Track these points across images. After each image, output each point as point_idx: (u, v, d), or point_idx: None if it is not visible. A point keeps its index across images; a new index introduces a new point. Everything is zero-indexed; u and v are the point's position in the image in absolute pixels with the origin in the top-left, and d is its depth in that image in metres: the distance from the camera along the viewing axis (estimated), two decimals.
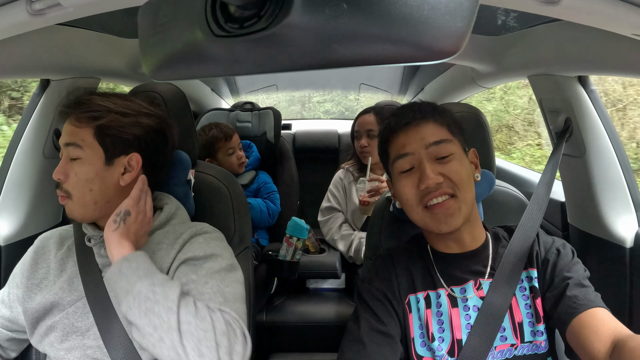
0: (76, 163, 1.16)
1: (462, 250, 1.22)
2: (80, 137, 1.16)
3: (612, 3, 0.82)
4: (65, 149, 1.17)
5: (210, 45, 0.43)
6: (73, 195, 1.16)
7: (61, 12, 0.88)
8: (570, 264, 1.15)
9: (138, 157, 1.23)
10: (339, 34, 0.37)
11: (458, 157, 1.16)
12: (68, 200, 1.17)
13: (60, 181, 1.16)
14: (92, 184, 1.17)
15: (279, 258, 2.16)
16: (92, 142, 1.16)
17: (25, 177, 1.68)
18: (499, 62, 1.85)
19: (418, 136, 1.16)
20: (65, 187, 1.16)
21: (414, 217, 1.20)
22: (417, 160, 1.16)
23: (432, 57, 0.37)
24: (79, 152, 1.16)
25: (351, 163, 2.68)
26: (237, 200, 1.48)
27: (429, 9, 0.36)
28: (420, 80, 3.24)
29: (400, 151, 1.18)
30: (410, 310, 1.20)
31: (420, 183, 1.13)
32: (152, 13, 0.51)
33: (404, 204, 1.20)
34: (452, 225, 1.13)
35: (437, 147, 1.15)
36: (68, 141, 1.16)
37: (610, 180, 1.62)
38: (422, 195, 1.14)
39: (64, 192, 1.17)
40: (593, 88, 1.60)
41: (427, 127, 1.18)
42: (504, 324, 1.14)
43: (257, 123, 2.96)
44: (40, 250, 1.28)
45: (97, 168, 1.17)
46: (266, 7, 0.40)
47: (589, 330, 1.02)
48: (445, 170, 1.13)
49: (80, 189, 1.16)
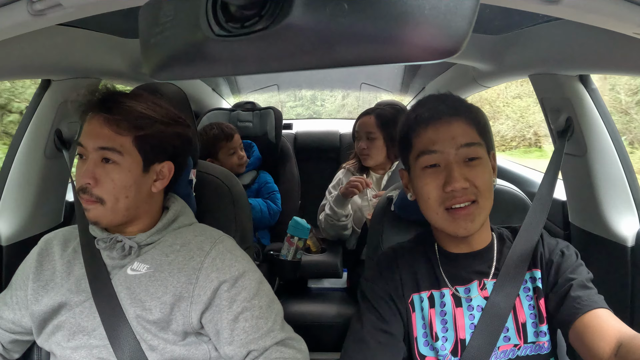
0: (113, 168, 1.14)
1: (469, 250, 1.22)
2: (119, 142, 1.13)
3: (613, 2, 0.82)
4: (97, 152, 1.13)
5: (211, 45, 0.43)
6: (107, 202, 1.14)
7: (62, 13, 0.88)
8: (574, 266, 1.15)
9: (171, 165, 1.24)
10: (340, 34, 0.37)
11: (484, 162, 1.15)
12: (98, 205, 1.14)
13: (89, 186, 1.12)
14: (129, 191, 1.15)
15: (280, 258, 2.17)
16: (131, 149, 1.15)
17: (27, 178, 1.68)
18: (500, 61, 1.85)
19: (449, 134, 1.14)
20: (97, 193, 1.13)
21: (431, 216, 1.18)
22: (445, 160, 1.13)
23: (433, 56, 0.37)
24: (117, 157, 1.13)
25: (352, 163, 2.68)
26: (238, 200, 1.48)
27: (430, 8, 0.36)
28: (421, 80, 3.23)
29: (429, 147, 1.15)
30: (413, 309, 1.20)
31: (447, 185, 1.11)
32: (153, 13, 0.51)
33: (423, 201, 1.18)
34: (470, 230, 1.13)
35: (467, 149, 1.13)
36: (105, 145, 1.13)
37: (611, 179, 1.62)
38: (446, 198, 1.12)
39: (95, 197, 1.13)
40: (594, 87, 1.59)
41: (459, 126, 1.15)
42: (507, 324, 1.14)
43: (258, 123, 2.96)
44: (44, 252, 1.26)
45: (135, 175, 1.16)
46: (267, 6, 0.40)
47: (593, 330, 1.01)
48: (471, 175, 1.12)
49: (115, 195, 1.14)
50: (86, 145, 1.14)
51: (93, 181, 1.12)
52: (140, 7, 0.54)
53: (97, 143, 1.13)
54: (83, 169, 1.14)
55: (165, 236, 1.25)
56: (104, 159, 1.14)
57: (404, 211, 1.50)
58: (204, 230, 1.29)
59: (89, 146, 1.13)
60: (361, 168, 2.60)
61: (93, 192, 1.12)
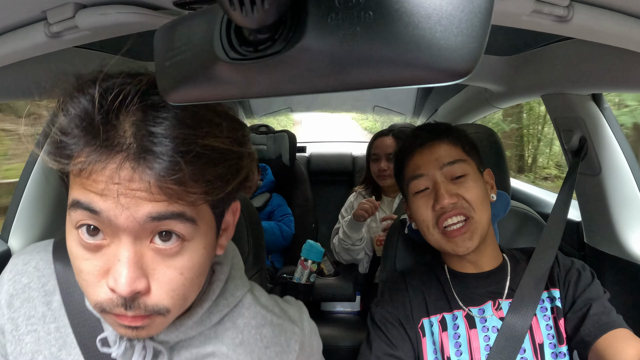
0: (179, 251, 0.65)
1: (478, 271, 1.21)
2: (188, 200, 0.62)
3: (623, 20, 0.82)
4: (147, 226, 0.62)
5: (225, 69, 0.43)
6: (171, 309, 0.66)
7: (78, 35, 0.90)
8: (591, 286, 1.15)
9: (237, 204, 0.80)
10: (353, 57, 0.38)
11: (473, 177, 1.16)
12: (156, 318, 0.66)
13: (139, 295, 0.63)
14: (203, 276, 0.72)
15: (293, 281, 2.16)
16: (204, 208, 0.68)
17: (42, 196, 1.70)
18: (512, 82, 1.85)
19: (432, 157, 1.17)
20: (154, 303, 0.64)
21: (429, 239, 1.20)
22: (431, 181, 1.16)
23: (445, 78, 0.37)
24: (188, 229, 0.65)
25: (363, 187, 2.68)
26: (251, 222, 1.48)
27: (441, 31, 0.36)
28: (434, 102, 3.25)
29: (415, 172, 1.18)
30: (423, 334, 1.19)
31: (435, 203, 1.13)
32: (168, 36, 0.52)
33: (419, 224, 1.20)
34: (469, 247, 1.13)
35: (451, 167, 1.15)
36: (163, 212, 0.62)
37: (626, 198, 1.61)
38: (438, 216, 1.14)
39: (151, 310, 0.64)
40: (607, 105, 1.59)
41: (441, 148, 1.18)
42: (524, 346, 1.13)
43: (272, 146, 2.98)
44: (22, 303, 0.80)
45: (210, 246, 0.71)
46: (280, 30, 0.41)
47: (614, 351, 1.00)
48: (460, 191, 1.13)
49: (185, 293, 0.68)
50: (112, 217, 0.60)
51: (146, 283, 0.63)
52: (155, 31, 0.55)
53: (141, 209, 0.60)
54: (121, 264, 0.61)
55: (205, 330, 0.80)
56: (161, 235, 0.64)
57: (417, 234, 1.49)
58: (273, 304, 0.89)
59: (122, 217, 0.60)
60: (373, 191, 2.61)
61: (149, 304, 0.64)
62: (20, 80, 1.29)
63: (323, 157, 3.70)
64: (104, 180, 0.59)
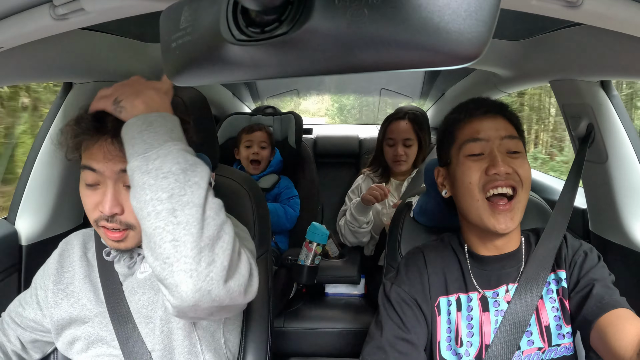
0: None
1: (498, 253, 1.21)
2: None
3: (634, 7, 0.81)
4: (118, 176, 1.05)
5: (232, 50, 0.43)
6: (136, 226, 1.07)
7: (84, 17, 0.90)
8: (596, 267, 1.15)
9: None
10: (360, 39, 0.37)
11: (525, 157, 1.18)
12: (129, 232, 1.09)
13: (117, 214, 1.05)
14: None
15: (298, 263, 2.16)
16: None
17: (48, 179, 1.71)
18: (521, 66, 1.84)
19: (494, 126, 1.17)
20: (125, 220, 1.06)
21: (471, 205, 1.18)
22: (489, 148, 1.16)
23: (453, 62, 0.37)
24: None
25: (371, 169, 2.66)
26: (257, 204, 1.49)
27: (450, 14, 0.36)
28: (441, 85, 3.22)
29: (474, 135, 1.18)
30: (439, 312, 1.19)
31: (491, 168, 1.12)
32: (174, 18, 0.51)
33: (463, 187, 1.18)
34: (509, 227, 1.13)
35: (510, 140, 1.16)
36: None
37: (632, 187, 1.60)
38: (487, 181, 1.13)
39: (125, 225, 1.07)
40: (615, 93, 1.57)
41: (501, 121, 1.19)
42: (530, 328, 1.13)
43: (279, 128, 2.96)
44: (65, 253, 1.25)
45: None
46: (287, 11, 0.40)
47: (615, 329, 1.00)
48: (514, 165, 1.14)
49: None
50: (102, 170, 1.04)
51: (120, 209, 1.05)
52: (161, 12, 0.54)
53: (117, 166, 1.03)
54: (107, 197, 1.04)
55: None
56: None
57: (423, 217, 1.50)
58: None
59: (107, 171, 1.04)
60: (382, 174, 2.59)
61: (122, 221, 1.06)
62: (26, 62, 1.29)
63: (329, 139, 3.66)
64: (96, 151, 1.04)
